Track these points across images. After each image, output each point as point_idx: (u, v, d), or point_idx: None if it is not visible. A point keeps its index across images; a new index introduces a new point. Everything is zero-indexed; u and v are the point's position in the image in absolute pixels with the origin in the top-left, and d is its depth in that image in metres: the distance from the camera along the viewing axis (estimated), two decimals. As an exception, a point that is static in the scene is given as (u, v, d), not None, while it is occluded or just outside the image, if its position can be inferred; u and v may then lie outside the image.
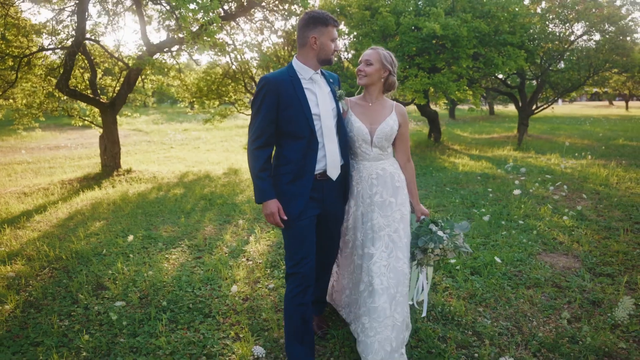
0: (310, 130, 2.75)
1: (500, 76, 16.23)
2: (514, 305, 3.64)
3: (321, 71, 2.93)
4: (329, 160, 2.82)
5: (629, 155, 11.95)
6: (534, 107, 17.28)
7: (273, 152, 2.83)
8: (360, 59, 3.03)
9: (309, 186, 2.77)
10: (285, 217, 2.76)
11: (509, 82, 18.29)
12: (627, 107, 43.23)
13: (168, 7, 9.55)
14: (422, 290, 3.19)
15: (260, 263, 4.64)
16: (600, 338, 3.10)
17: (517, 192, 6.06)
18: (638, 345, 3.08)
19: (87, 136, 21.77)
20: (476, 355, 2.97)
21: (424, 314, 3.28)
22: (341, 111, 2.98)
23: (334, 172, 2.86)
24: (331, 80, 3.00)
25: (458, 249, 2.96)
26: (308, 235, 2.84)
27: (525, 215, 6.10)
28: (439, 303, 3.66)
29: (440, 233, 2.92)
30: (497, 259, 4.41)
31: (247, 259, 4.78)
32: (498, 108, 43.56)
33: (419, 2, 11.03)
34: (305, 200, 2.77)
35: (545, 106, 16.81)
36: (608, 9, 14.98)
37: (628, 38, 16.50)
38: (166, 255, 4.90)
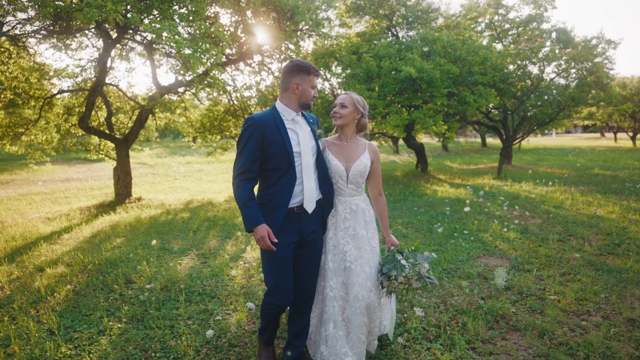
0: (290, 166, 2.98)
1: (488, 109, 17.65)
2: (446, 289, 4.78)
3: (302, 112, 3.18)
4: (306, 195, 3.04)
5: (596, 183, 13.12)
6: (515, 139, 18.64)
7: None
8: (335, 102, 3.34)
9: (282, 217, 2.98)
10: (276, 240, 2.93)
11: (490, 117, 19.72)
12: (615, 139, 44.72)
13: (174, 51, 10.93)
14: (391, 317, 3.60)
15: (254, 265, 5.79)
16: (498, 305, 4.24)
17: (467, 209, 7.24)
18: (524, 308, 4.22)
19: (95, 169, 23.05)
20: (405, 315, 4.10)
21: (390, 338, 3.66)
22: (320, 148, 3.25)
23: (310, 206, 3.07)
24: (310, 120, 3.27)
25: (422, 278, 3.16)
26: (286, 269, 3.06)
27: (477, 229, 7.28)
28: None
29: (403, 262, 3.14)
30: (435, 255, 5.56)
31: (244, 262, 5.93)
32: (490, 141, 45.15)
33: (398, 48, 12.45)
34: (277, 229, 2.98)
35: (521, 138, 18.12)
36: (577, 51, 16.44)
37: (606, 74, 17.93)
38: (179, 261, 6.05)
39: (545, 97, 15.52)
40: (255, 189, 3.05)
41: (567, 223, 7.73)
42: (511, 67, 15.28)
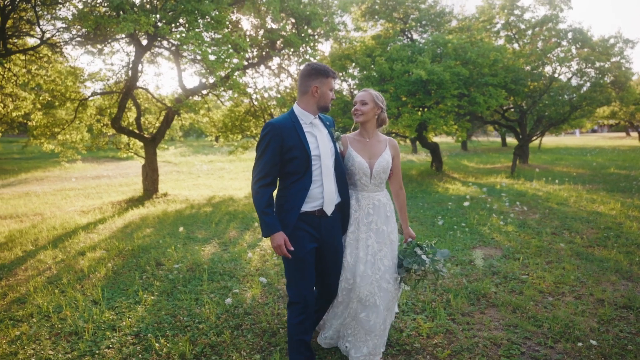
0: (308, 170, 3.02)
1: (504, 109, 18.01)
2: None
3: (319, 115, 3.22)
4: (326, 197, 3.07)
5: (606, 182, 13.38)
6: (531, 138, 18.97)
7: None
8: (355, 100, 3.39)
9: (295, 219, 3.03)
10: (292, 248, 3.00)
11: (507, 116, 20.04)
12: (639, 138, 44.12)
13: (199, 57, 11.68)
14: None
15: (269, 252, 6.44)
16: (481, 286, 4.79)
17: (466, 203, 7.75)
18: (505, 289, 4.76)
19: (122, 167, 24.10)
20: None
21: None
22: (338, 150, 3.27)
23: (329, 208, 3.12)
24: (327, 122, 3.30)
25: (437, 272, 3.28)
26: (308, 267, 3.11)
27: (477, 223, 7.79)
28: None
29: (424, 257, 3.26)
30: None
31: (260, 250, 6.59)
32: (510, 140, 45.02)
33: (410, 51, 12.96)
34: (289, 231, 3.03)
35: (537, 137, 18.39)
36: (590, 51, 16.65)
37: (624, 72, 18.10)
38: (202, 248, 6.73)
39: (559, 97, 15.80)
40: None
41: (566, 218, 8.17)
42: (528, 67, 15.61)
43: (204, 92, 12.88)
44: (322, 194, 3.07)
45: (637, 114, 36.77)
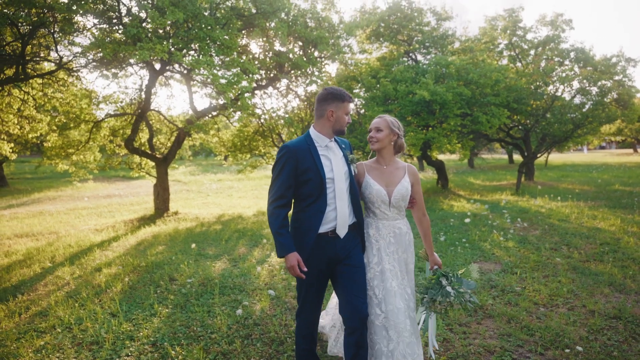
0: (322, 192, 3.07)
1: (509, 127, 18.30)
2: (439, 287, 5.58)
3: (335, 138, 3.27)
4: (339, 220, 3.11)
5: (609, 198, 13.54)
6: (535, 156, 19.20)
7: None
8: (370, 127, 3.38)
9: (311, 242, 3.07)
10: (306, 269, 3.02)
11: (512, 134, 20.32)
12: (646, 155, 44.16)
13: (210, 80, 12.15)
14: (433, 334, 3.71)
15: (277, 267, 6.71)
16: (479, 298, 5.03)
17: (467, 220, 7.99)
18: (502, 302, 4.99)
19: (133, 186, 24.56)
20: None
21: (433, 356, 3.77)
22: (352, 174, 3.28)
23: (342, 231, 3.14)
24: (343, 145, 3.33)
25: (465, 302, 3.26)
26: (317, 294, 3.20)
27: (479, 239, 8.02)
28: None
29: (448, 288, 3.21)
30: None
31: (269, 265, 6.87)
32: (517, 157, 45.19)
33: (413, 73, 13.34)
34: (306, 255, 3.07)
35: (541, 155, 18.61)
36: (591, 71, 16.97)
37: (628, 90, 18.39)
38: (213, 264, 7.03)
39: (561, 116, 16.08)
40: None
41: (566, 234, 8.38)
42: (532, 87, 15.94)
43: (214, 113, 13.31)
44: (336, 217, 3.10)
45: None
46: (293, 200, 3.17)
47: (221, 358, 3.91)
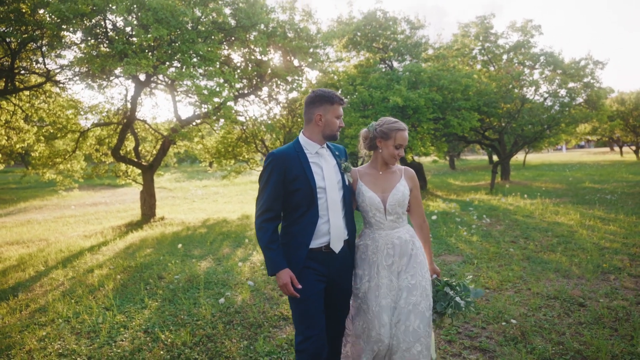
0: (313, 203, 2.82)
1: (485, 127, 19.12)
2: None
3: (327, 144, 3.02)
4: (333, 233, 2.86)
5: (576, 195, 14.34)
6: (509, 156, 20.08)
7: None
8: (399, 143, 3.03)
9: (303, 257, 2.82)
10: (300, 286, 2.78)
11: (487, 136, 21.13)
12: (621, 153, 45.51)
13: (193, 89, 12.66)
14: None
15: (258, 265, 7.26)
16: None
17: (434, 217, 8.62)
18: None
19: (118, 194, 24.87)
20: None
21: None
22: (346, 183, 3.01)
23: (337, 245, 2.89)
24: (337, 152, 3.08)
25: (471, 311, 3.16)
26: (316, 311, 2.83)
27: (446, 234, 8.66)
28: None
29: (458, 299, 3.01)
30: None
31: (250, 263, 7.41)
32: (497, 158, 46.31)
33: (387, 80, 14.00)
34: (298, 270, 2.82)
35: (514, 154, 19.46)
36: (558, 74, 17.85)
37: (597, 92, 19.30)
38: (198, 263, 7.55)
39: (530, 118, 16.90)
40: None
41: (527, 229, 9.06)
42: (502, 90, 16.73)
43: (198, 121, 13.81)
44: (329, 230, 2.87)
45: (616, 129, 38.20)
46: (283, 213, 2.95)
47: (206, 340, 4.44)
